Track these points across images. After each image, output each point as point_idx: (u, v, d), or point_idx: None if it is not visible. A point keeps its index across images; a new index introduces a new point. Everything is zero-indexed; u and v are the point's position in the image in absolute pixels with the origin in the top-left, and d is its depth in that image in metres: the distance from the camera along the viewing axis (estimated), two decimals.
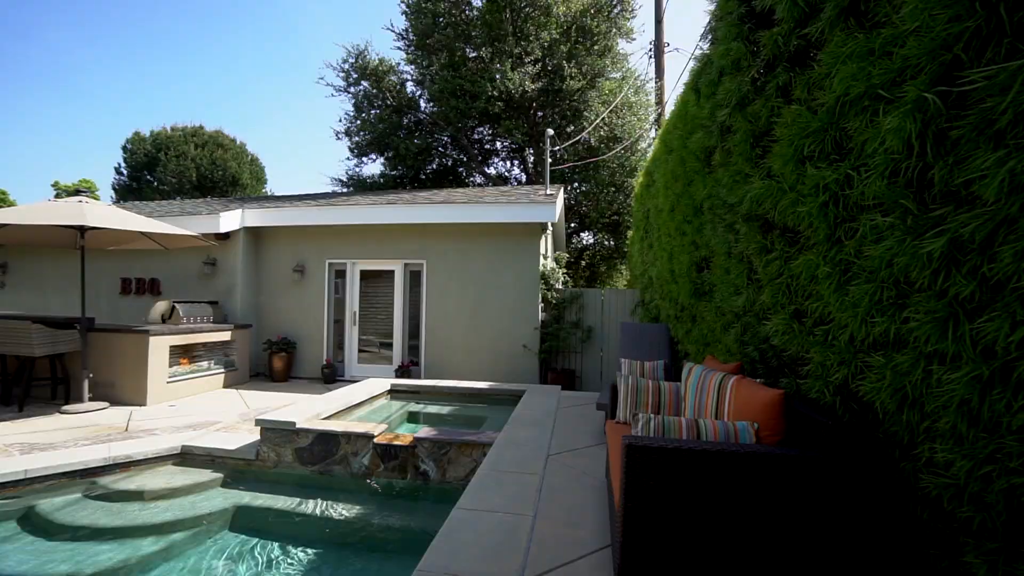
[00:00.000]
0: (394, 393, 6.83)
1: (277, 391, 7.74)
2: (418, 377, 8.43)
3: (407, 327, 8.90)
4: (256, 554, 3.43)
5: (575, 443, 4.27)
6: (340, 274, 9.17)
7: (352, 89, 18.40)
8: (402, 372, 8.35)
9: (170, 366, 7.00)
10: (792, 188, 2.37)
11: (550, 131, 9.97)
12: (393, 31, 18.06)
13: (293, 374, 8.94)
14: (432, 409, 6.59)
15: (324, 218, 8.84)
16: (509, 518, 2.72)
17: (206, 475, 4.58)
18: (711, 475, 1.82)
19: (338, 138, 19.17)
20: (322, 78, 25.55)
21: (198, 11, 58.89)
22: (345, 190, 19.63)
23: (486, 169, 20.37)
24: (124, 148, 29.50)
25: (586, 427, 4.84)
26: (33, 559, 3.31)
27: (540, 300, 8.43)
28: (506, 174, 21.21)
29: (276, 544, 3.57)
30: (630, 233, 10.58)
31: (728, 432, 2.04)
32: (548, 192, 9.31)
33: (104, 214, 6.07)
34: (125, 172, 29.48)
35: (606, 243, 18.64)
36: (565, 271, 9.11)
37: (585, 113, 15.64)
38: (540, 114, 16.98)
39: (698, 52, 4.24)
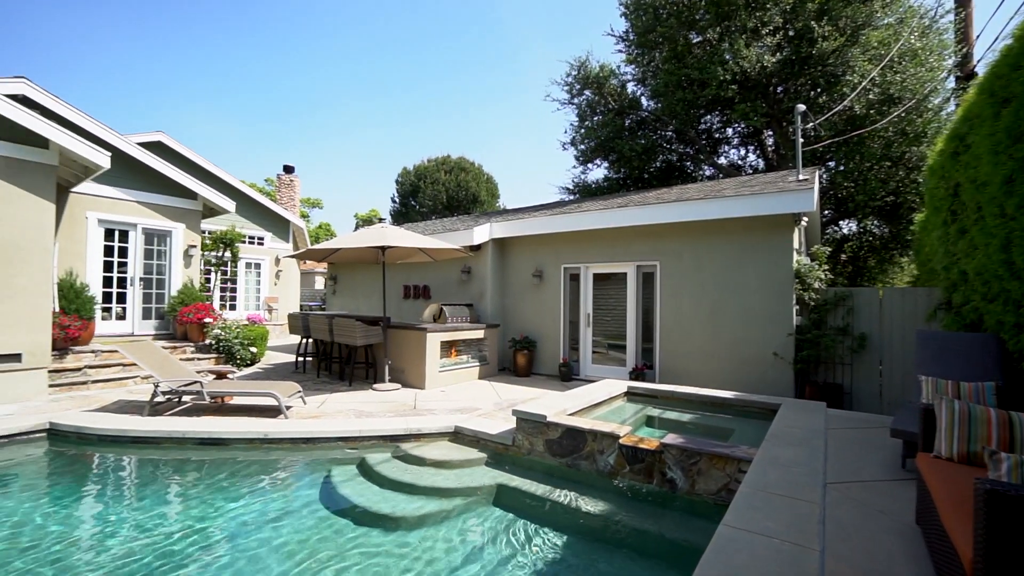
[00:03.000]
0: (631, 395, 6.82)
1: (521, 385, 8.56)
2: (651, 381, 8.25)
3: (640, 329, 8.80)
4: (515, 530, 3.82)
5: (860, 473, 3.55)
6: (574, 278, 9.64)
7: (576, 100, 19.23)
8: (636, 375, 8.29)
9: (440, 358, 8.43)
10: None
11: (800, 106, 8.58)
12: (613, 35, 18.22)
13: (534, 370, 9.77)
14: (671, 415, 6.34)
15: (559, 225, 9.43)
16: (788, 547, 2.40)
17: (473, 453, 5.34)
18: None
19: (564, 148, 20.28)
20: (548, 95, 27.43)
21: (442, 62, 70.27)
22: (571, 197, 20.64)
23: (716, 160, 18.82)
24: (396, 181, 36.92)
25: (872, 455, 3.97)
26: (365, 497, 4.34)
27: (794, 302, 7.32)
28: (739, 163, 19.21)
29: (532, 525, 3.92)
30: (918, 217, 8.35)
31: None
32: (801, 177, 8.03)
33: (397, 235, 7.70)
34: (397, 200, 36.96)
35: (876, 231, 15.14)
36: (825, 268, 7.68)
37: (846, 77, 12.97)
38: (781, 89, 14.85)
39: None
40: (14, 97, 7.90)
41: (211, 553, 3.52)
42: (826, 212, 14.93)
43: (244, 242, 15.15)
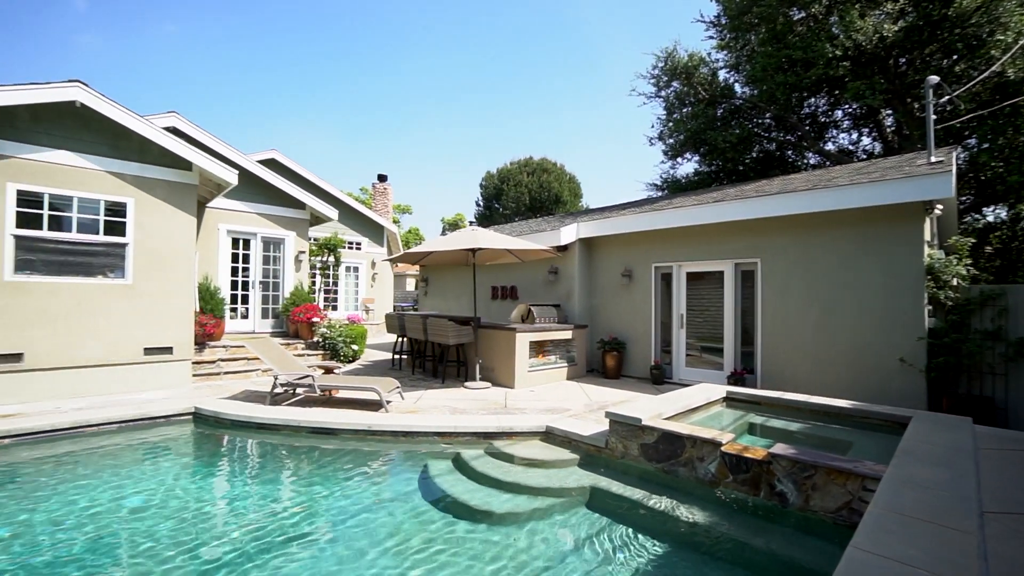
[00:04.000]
0: (730, 401, 6.41)
1: (611, 387, 8.38)
2: (752, 386, 7.68)
3: (739, 331, 8.25)
4: (609, 534, 3.74)
5: None
6: (666, 277, 9.27)
7: (663, 92, 18.53)
8: (735, 379, 7.78)
9: (529, 358, 8.49)
10: None
11: (933, 78, 7.51)
12: (703, 21, 17.31)
13: (623, 372, 9.53)
14: (776, 424, 5.87)
15: (649, 223, 9.11)
16: None
17: (565, 454, 5.31)
18: None
19: (651, 143, 19.61)
20: (633, 89, 26.59)
21: (524, 63, 70.98)
22: (659, 193, 19.89)
23: (822, 146, 17.17)
24: (480, 184, 37.84)
25: None
26: (460, 491, 4.47)
27: (926, 302, 6.45)
28: (850, 148, 17.38)
29: (627, 529, 3.82)
30: None
31: None
32: (934, 159, 7.06)
33: (487, 237, 7.88)
34: (481, 203, 37.88)
35: None
36: (967, 262, 6.68)
37: (995, 37, 11.12)
38: (904, 61, 13.18)
39: None
40: (168, 128, 9.19)
41: (319, 529, 3.88)
42: (964, 198, 13.02)
43: (345, 247, 16.34)
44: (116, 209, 7.51)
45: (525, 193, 34.03)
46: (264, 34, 75.95)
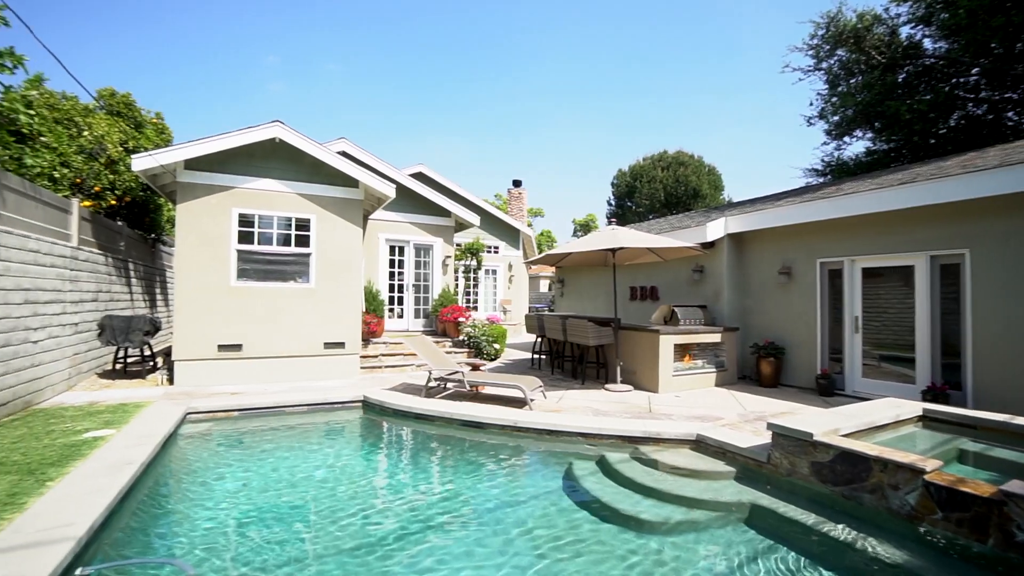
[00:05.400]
0: (928, 421, 5.34)
1: (768, 396, 7.57)
2: (960, 405, 6.31)
3: (937, 338, 6.86)
4: (776, 558, 3.36)
5: None
6: (834, 274, 8.09)
7: (824, 64, 16.26)
8: (932, 395, 6.47)
9: (673, 362, 8.05)
10: None
11: None
12: None
13: (781, 380, 8.54)
14: (1002, 454, 4.72)
15: (813, 213, 8.03)
16: None
17: (720, 465, 4.90)
18: None
19: (809, 124, 17.40)
20: (787, 65, 23.75)
21: (654, 49, 67.84)
22: (819, 180, 17.50)
23: None
24: (612, 183, 36.99)
25: None
26: (606, 494, 4.38)
27: None
28: None
29: (797, 557, 3.38)
30: None
31: None
32: None
33: (628, 236, 7.67)
34: (613, 202, 37.00)
35: None
36: None
37: None
38: None
39: None
40: (339, 152, 10.63)
41: (467, 516, 4.13)
42: None
43: (485, 251, 17.24)
44: (303, 224, 8.87)
45: (660, 189, 32.48)
46: (408, 61, 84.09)
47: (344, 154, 10.88)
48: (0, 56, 5.51)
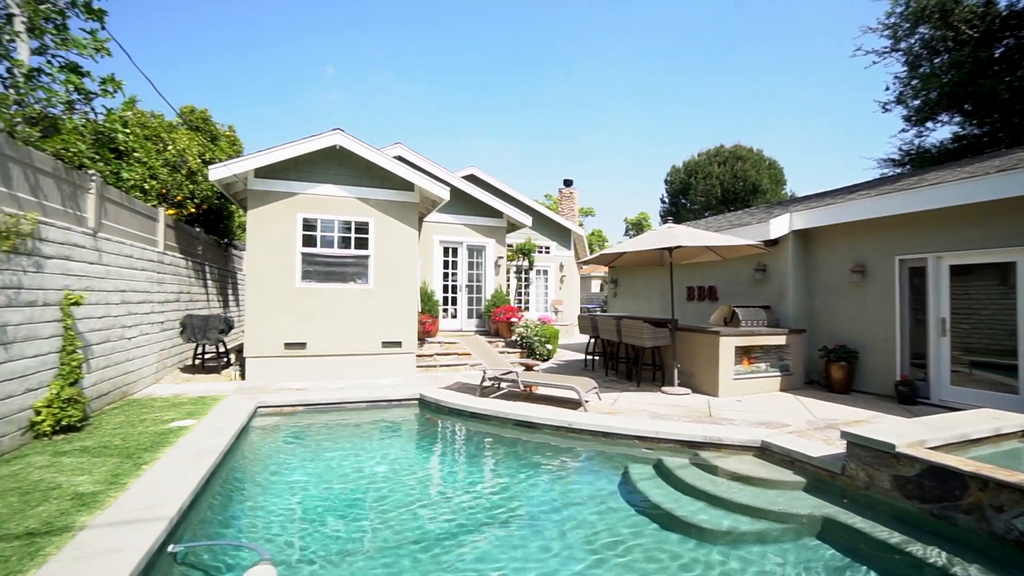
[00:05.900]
0: None
1: (840, 403, 7.09)
2: None
3: None
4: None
5: None
6: (916, 272, 7.46)
7: (903, 44, 15.04)
8: None
9: (734, 364, 7.71)
10: None
11: None
12: None
13: (854, 386, 7.97)
14: None
15: (892, 207, 7.43)
16: None
17: (787, 475, 4.65)
18: None
19: (885, 110, 16.16)
20: (859, 48, 22.18)
21: (704, 44, 65.22)
22: (897, 171, 16.21)
23: None
24: (665, 181, 35.93)
25: None
26: (665, 500, 4.25)
27: None
28: None
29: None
30: None
31: None
32: None
33: (685, 234, 7.42)
34: (667, 200, 35.92)
35: None
36: None
37: None
38: None
39: None
40: (395, 156, 10.97)
41: (522, 516, 4.14)
42: None
43: (537, 252, 17.24)
44: (361, 227, 9.21)
45: (716, 185, 31.22)
46: (459, 64, 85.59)
47: (399, 158, 11.21)
48: (104, 83, 6.13)
